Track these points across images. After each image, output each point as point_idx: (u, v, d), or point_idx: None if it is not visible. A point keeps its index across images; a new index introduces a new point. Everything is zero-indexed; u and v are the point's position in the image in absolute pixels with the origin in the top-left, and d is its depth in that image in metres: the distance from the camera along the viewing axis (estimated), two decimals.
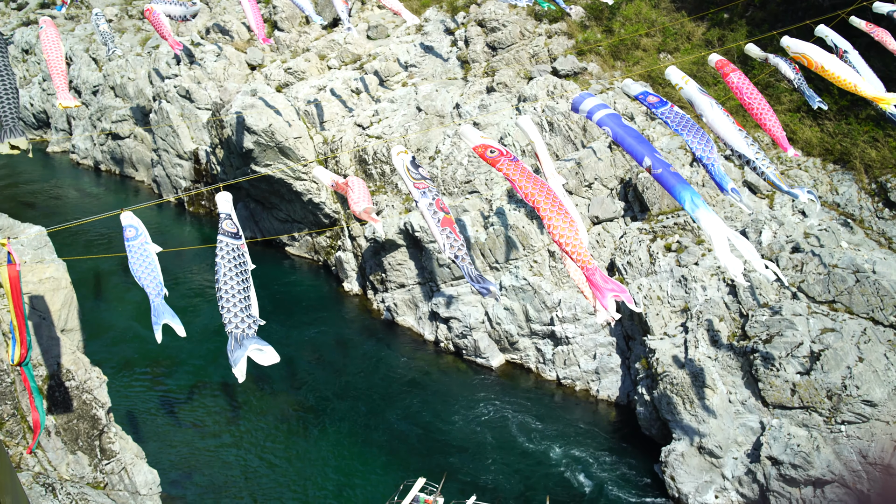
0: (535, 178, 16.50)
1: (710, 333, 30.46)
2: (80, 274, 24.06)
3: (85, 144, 66.87)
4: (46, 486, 19.72)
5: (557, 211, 15.76)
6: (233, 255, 15.64)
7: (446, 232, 16.63)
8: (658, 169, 16.78)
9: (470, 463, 30.91)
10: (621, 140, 17.78)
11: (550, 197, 16.01)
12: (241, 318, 14.70)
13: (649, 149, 17.30)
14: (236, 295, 14.94)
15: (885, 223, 31.65)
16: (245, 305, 14.95)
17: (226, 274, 15.19)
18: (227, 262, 15.41)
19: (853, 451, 26.67)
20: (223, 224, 16.26)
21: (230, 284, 15.03)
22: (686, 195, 16.23)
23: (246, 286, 15.25)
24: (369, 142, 43.99)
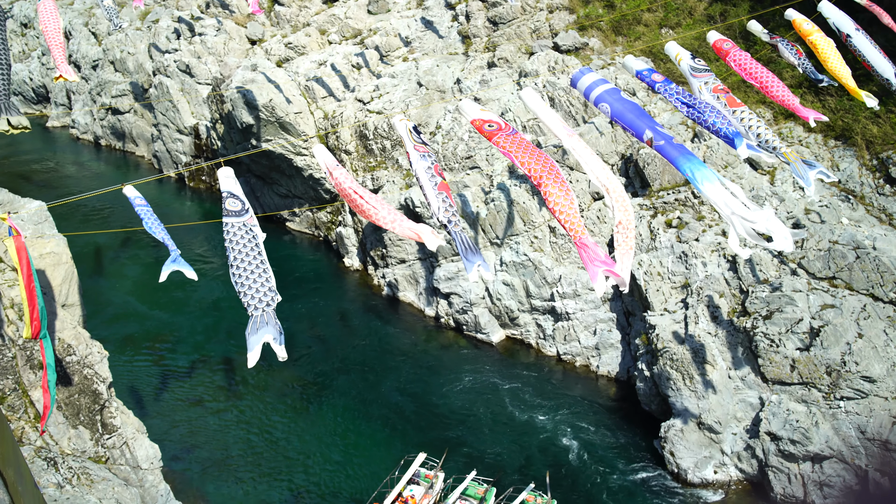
0: (533, 150, 16.38)
1: (710, 309, 30.50)
2: (80, 249, 24.08)
3: (85, 119, 66.67)
4: (48, 461, 19.83)
5: (555, 181, 15.70)
6: (241, 234, 15.44)
7: (442, 196, 16.54)
8: (660, 141, 16.60)
9: (470, 438, 31.04)
10: (620, 116, 17.58)
11: (548, 167, 15.94)
12: (262, 294, 14.55)
13: (650, 122, 17.11)
14: (253, 272, 14.78)
15: (886, 199, 31.60)
16: (264, 280, 14.83)
17: (237, 255, 15.00)
18: (236, 243, 15.21)
19: (852, 427, 26.77)
20: (226, 204, 16.07)
21: (244, 264, 14.88)
22: (689, 167, 16.04)
23: (260, 260, 15.07)
24: (370, 117, 43.84)
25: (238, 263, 14.90)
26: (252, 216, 15.94)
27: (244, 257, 15.00)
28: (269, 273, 14.98)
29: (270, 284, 14.78)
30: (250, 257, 15.03)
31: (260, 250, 15.27)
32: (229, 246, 15.19)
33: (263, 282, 14.74)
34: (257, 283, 14.66)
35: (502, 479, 28.27)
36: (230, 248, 15.15)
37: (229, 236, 15.35)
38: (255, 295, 14.51)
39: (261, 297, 14.52)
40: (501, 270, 36.93)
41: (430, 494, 27.21)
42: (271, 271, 15.09)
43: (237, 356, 36.19)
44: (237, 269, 14.82)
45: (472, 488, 27.49)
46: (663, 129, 16.87)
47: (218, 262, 45.11)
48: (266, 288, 14.67)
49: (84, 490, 19.86)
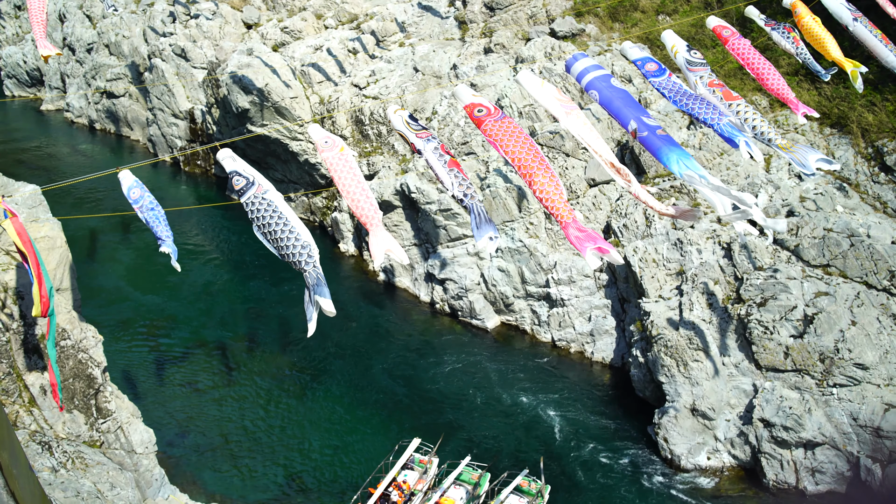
0: (520, 135, 16.36)
1: (704, 296, 30.56)
2: (72, 233, 23.96)
3: (79, 103, 66.44)
4: (43, 444, 19.84)
5: (539, 166, 15.71)
6: (256, 206, 15.24)
7: (454, 172, 16.45)
8: (644, 132, 16.51)
9: (464, 423, 31.12)
10: (608, 104, 17.51)
11: (532, 152, 15.93)
12: (298, 251, 14.50)
13: (636, 111, 16.99)
14: (280, 237, 14.66)
15: (881, 187, 31.65)
16: (293, 239, 14.68)
17: (261, 227, 14.89)
18: (257, 218, 15.04)
19: (844, 414, 26.89)
20: (232, 182, 15.91)
21: (269, 230, 14.74)
22: (673, 156, 15.95)
23: (283, 222, 14.89)
24: (366, 102, 43.74)
25: (267, 235, 14.84)
26: (260, 184, 15.69)
27: (267, 226, 14.88)
28: (296, 231, 14.81)
29: (303, 240, 14.67)
30: (272, 222, 14.88)
31: (280, 212, 15.07)
32: (252, 221, 15.08)
33: (294, 241, 14.65)
34: (290, 245, 14.61)
35: (497, 464, 28.37)
36: (254, 224, 15.05)
37: (250, 211, 15.22)
38: (294, 255, 14.51)
39: (299, 257, 14.52)
40: (497, 256, 36.95)
41: (424, 480, 27.29)
42: (300, 228, 14.91)
43: (231, 341, 36.21)
44: (269, 242, 14.80)
45: (467, 474, 27.58)
46: (651, 120, 16.73)
47: (211, 246, 45.07)
48: (300, 245, 14.60)
49: (79, 474, 19.89)
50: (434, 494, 26.45)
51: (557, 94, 17.61)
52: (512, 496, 26.48)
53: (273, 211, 15.09)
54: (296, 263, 14.59)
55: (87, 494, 19.12)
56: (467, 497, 26.53)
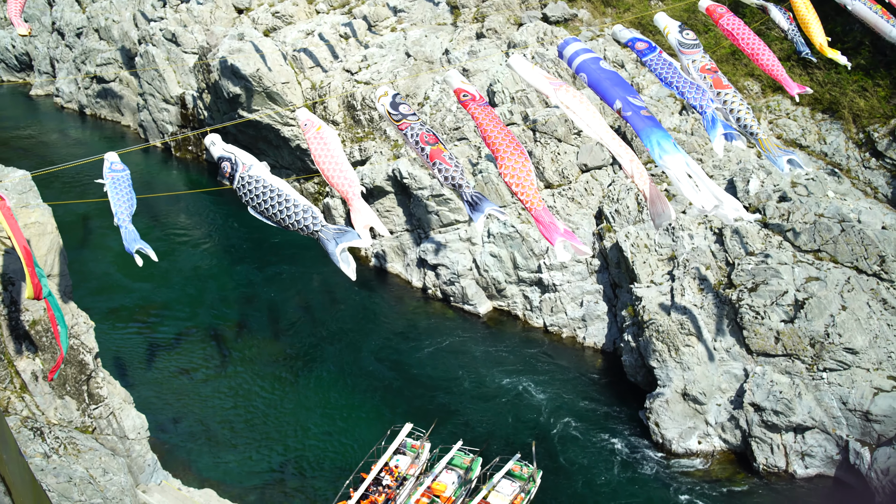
0: (498, 122, 16.69)
1: (696, 281, 30.64)
2: (60, 218, 23.85)
3: (69, 88, 66.08)
4: (35, 430, 19.83)
5: (513, 152, 15.93)
6: (248, 187, 15.06)
7: (437, 165, 16.53)
8: (628, 111, 16.59)
9: (456, 408, 31.20)
10: (596, 84, 17.61)
11: (508, 139, 16.19)
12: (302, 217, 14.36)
13: (623, 91, 17.06)
14: (280, 210, 14.51)
15: (872, 173, 31.73)
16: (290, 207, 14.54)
17: (258, 207, 14.72)
18: (250, 199, 14.86)
19: (834, 398, 27.04)
20: (224, 170, 15.73)
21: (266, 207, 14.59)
22: (654, 138, 15.97)
23: (276, 194, 14.72)
24: (358, 87, 43.61)
25: (265, 212, 14.71)
26: (244, 165, 15.52)
27: (262, 203, 14.73)
28: (290, 200, 14.66)
29: (302, 205, 14.56)
30: (266, 198, 14.74)
31: (270, 185, 14.93)
32: (247, 203, 14.94)
33: (292, 208, 14.53)
34: (292, 214, 14.47)
35: (488, 448, 28.46)
36: (249, 206, 14.91)
37: (242, 198, 15.06)
38: (301, 222, 14.36)
39: (304, 221, 14.38)
40: (489, 242, 36.96)
41: (416, 464, 27.38)
42: (293, 196, 14.75)
43: (223, 326, 36.21)
44: (269, 219, 14.67)
45: (459, 458, 27.67)
46: (636, 100, 16.77)
47: (202, 232, 44.97)
48: (300, 210, 14.48)
49: (71, 460, 19.90)
50: (426, 479, 26.55)
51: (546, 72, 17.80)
52: (504, 480, 26.59)
53: (263, 185, 14.95)
54: (304, 229, 14.44)
55: (80, 480, 19.14)
56: (459, 481, 26.63)
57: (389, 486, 26.22)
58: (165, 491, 24.70)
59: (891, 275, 28.49)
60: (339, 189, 16.06)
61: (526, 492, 26.31)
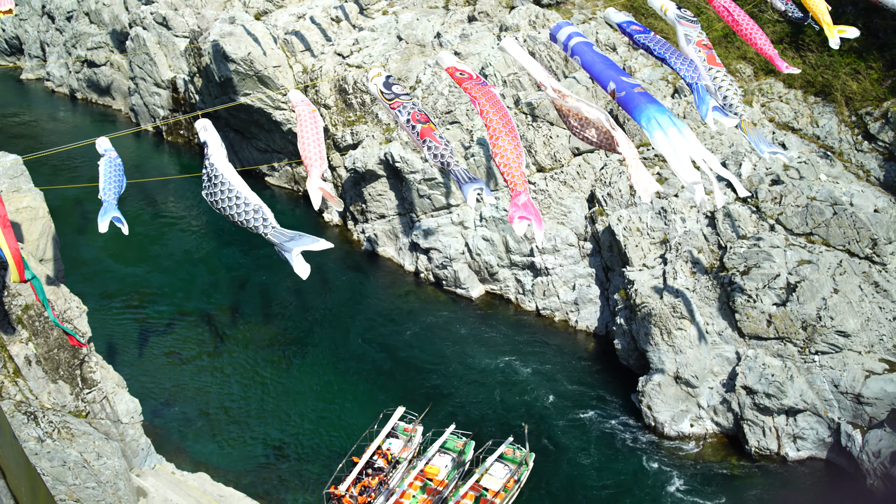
0: (496, 101, 16.74)
1: (688, 265, 30.70)
2: (53, 203, 23.83)
3: (60, 72, 65.71)
4: (28, 415, 19.83)
5: (507, 133, 16.06)
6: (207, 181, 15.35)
7: (426, 143, 16.69)
8: (622, 92, 16.62)
9: (449, 392, 31.26)
10: (590, 66, 17.68)
11: (505, 120, 16.30)
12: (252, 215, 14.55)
13: (616, 73, 17.11)
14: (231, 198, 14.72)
15: (864, 156, 31.77)
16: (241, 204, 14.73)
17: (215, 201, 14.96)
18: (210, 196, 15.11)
19: (825, 381, 27.17)
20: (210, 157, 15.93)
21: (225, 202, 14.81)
22: (647, 113, 15.94)
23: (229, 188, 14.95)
24: (349, 71, 43.46)
25: (216, 205, 14.93)
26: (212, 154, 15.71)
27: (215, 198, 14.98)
28: (242, 197, 14.88)
29: (253, 204, 14.77)
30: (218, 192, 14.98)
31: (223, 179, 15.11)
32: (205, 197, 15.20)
33: (242, 206, 14.72)
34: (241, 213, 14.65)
35: (481, 432, 28.55)
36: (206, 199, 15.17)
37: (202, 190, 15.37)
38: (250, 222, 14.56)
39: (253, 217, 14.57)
40: (481, 225, 36.95)
41: (408, 448, 27.47)
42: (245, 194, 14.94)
43: (214, 312, 36.17)
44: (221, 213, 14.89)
45: (452, 441, 27.77)
46: (629, 79, 16.80)
47: (193, 216, 44.85)
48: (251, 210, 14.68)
49: (65, 444, 19.91)
50: (419, 462, 26.63)
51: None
52: (497, 464, 26.69)
53: (219, 181, 15.17)
54: (253, 229, 14.69)
55: (74, 464, 19.16)
56: (452, 465, 26.72)
57: (382, 470, 26.30)
58: (159, 475, 24.74)
59: (882, 258, 28.59)
60: (311, 161, 16.68)
61: (518, 475, 26.42)
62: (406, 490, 25.70)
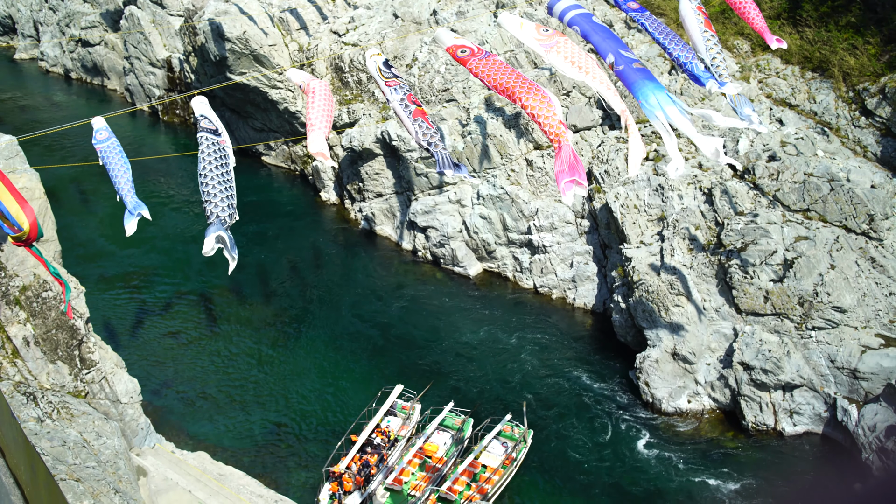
0: (506, 68, 16.56)
1: (686, 242, 30.71)
2: (47, 184, 23.77)
3: (54, 51, 65.38)
4: (27, 395, 19.87)
5: (528, 90, 15.87)
6: (214, 149, 15.49)
7: (418, 122, 16.70)
8: (620, 65, 16.60)
9: (447, 370, 31.33)
10: (589, 36, 17.65)
11: (521, 80, 16.11)
12: (222, 208, 14.70)
13: (615, 45, 17.08)
14: (217, 185, 14.90)
15: (861, 131, 31.72)
16: (227, 195, 14.95)
17: (206, 167, 15.12)
18: (208, 156, 15.29)
19: (822, 356, 27.26)
20: (201, 123, 16.11)
21: (212, 175, 14.96)
22: (646, 91, 15.95)
23: (228, 178, 15.21)
24: (345, 49, 43.27)
25: (206, 173, 15.03)
26: (227, 140, 16.03)
27: (212, 171, 15.08)
28: (232, 193, 15.15)
29: (232, 202, 14.98)
30: (218, 172, 15.12)
31: (228, 170, 15.39)
32: (201, 157, 15.32)
33: (226, 197, 14.91)
34: (220, 196, 14.81)
35: (479, 409, 28.65)
36: (201, 159, 15.30)
37: (202, 146, 15.47)
38: (218, 206, 14.69)
39: (220, 211, 14.71)
40: (478, 204, 36.92)
41: (407, 426, 27.58)
42: (235, 194, 15.27)
43: (212, 291, 36.19)
44: (204, 180, 14.97)
45: (450, 419, 27.88)
46: (628, 53, 16.78)
47: (186, 195, 44.79)
48: (227, 203, 14.86)
49: (64, 424, 19.96)
50: (418, 440, 26.75)
51: (537, 33, 17.58)
52: (495, 441, 26.80)
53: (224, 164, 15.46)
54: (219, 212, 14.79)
55: (74, 444, 19.22)
56: (451, 442, 26.83)
57: (381, 448, 26.41)
58: (159, 454, 24.84)
59: (879, 233, 28.62)
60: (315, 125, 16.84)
61: (517, 452, 26.54)
62: (405, 467, 25.84)
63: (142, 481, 22.85)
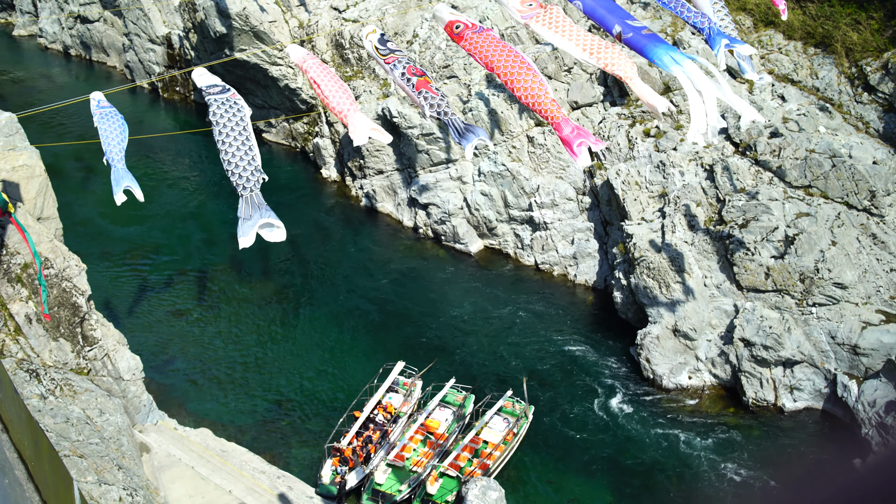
0: (500, 44, 16.32)
1: (687, 218, 30.69)
2: (47, 161, 23.72)
3: (53, 28, 65.06)
4: (30, 372, 19.94)
5: (520, 68, 15.61)
6: (225, 108, 15.05)
7: (423, 93, 16.50)
8: (629, 33, 16.40)
9: (449, 346, 31.41)
10: (592, 11, 17.39)
11: (512, 57, 15.84)
12: (249, 173, 14.38)
13: (620, 16, 16.87)
14: (239, 149, 14.50)
15: (864, 107, 31.62)
16: (251, 157, 14.60)
17: (222, 130, 14.65)
18: (221, 117, 14.83)
19: (822, 332, 27.31)
20: (207, 91, 15.76)
21: (230, 139, 14.56)
22: (660, 52, 15.79)
23: (245, 136, 14.82)
24: (346, 26, 43.06)
25: (223, 139, 14.63)
26: (235, 93, 15.59)
27: (229, 132, 14.65)
28: (254, 150, 14.72)
29: (256, 163, 14.58)
30: (235, 132, 14.69)
31: (246, 124, 14.93)
32: (214, 121, 14.90)
33: (250, 160, 14.53)
34: (244, 161, 14.45)
35: (481, 385, 28.74)
36: (215, 124, 14.86)
37: (214, 113, 15.02)
38: (243, 174, 14.29)
39: (248, 177, 14.33)
40: (479, 180, 36.87)
41: (409, 402, 27.69)
42: (257, 148, 14.84)
43: (213, 268, 36.22)
44: (223, 146, 14.56)
45: (451, 395, 27.98)
46: (635, 21, 16.59)
47: (189, 172, 44.75)
48: (252, 167, 14.48)
49: (67, 401, 20.05)
50: (419, 416, 26.86)
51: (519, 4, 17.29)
52: (496, 417, 26.91)
53: (240, 120, 14.95)
54: (245, 182, 14.41)
55: (77, 420, 19.31)
56: (452, 418, 26.95)
57: (383, 424, 26.53)
58: (162, 431, 24.95)
59: (881, 210, 28.60)
60: (339, 106, 16.29)
61: (518, 428, 26.65)
62: (407, 443, 25.95)
63: (145, 458, 22.97)
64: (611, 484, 25.79)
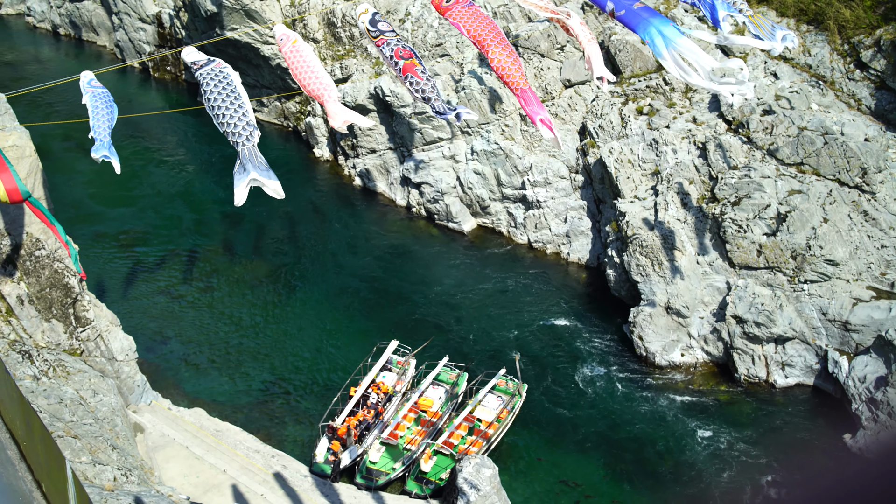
0: (484, 18, 16.86)
1: (679, 196, 30.71)
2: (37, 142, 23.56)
3: (41, 7, 64.56)
4: (23, 353, 19.92)
5: (498, 44, 16.26)
6: (212, 74, 15.41)
7: (408, 78, 16.78)
8: (621, 11, 16.48)
9: (442, 324, 31.46)
10: None
11: (494, 32, 16.45)
12: (241, 127, 14.57)
13: None
14: (229, 107, 14.76)
15: (856, 84, 31.59)
16: (241, 114, 14.82)
17: (211, 96, 15.00)
18: (208, 83, 15.17)
19: (814, 309, 27.42)
20: (195, 66, 16.05)
21: (219, 101, 14.84)
22: (652, 29, 15.82)
23: (235, 96, 15.06)
24: (337, 4, 42.81)
25: (213, 104, 14.92)
26: (221, 62, 15.95)
27: (217, 95, 14.97)
28: (245, 108, 15.00)
29: (248, 119, 14.83)
30: (224, 94, 15.00)
31: (233, 87, 15.24)
32: (205, 91, 15.21)
33: (241, 115, 14.79)
34: (235, 117, 14.69)
35: (474, 364, 28.82)
36: (205, 92, 15.18)
37: (202, 82, 15.36)
38: (236, 127, 14.55)
39: (240, 131, 14.57)
40: (472, 159, 36.81)
41: (402, 381, 27.76)
42: (248, 106, 15.09)
43: (206, 248, 36.15)
44: (215, 110, 14.86)
45: (445, 374, 28.05)
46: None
47: (180, 152, 44.58)
48: (244, 122, 14.72)
49: (60, 381, 20.05)
50: (413, 395, 26.93)
51: None
52: (490, 395, 27.00)
53: (227, 84, 15.29)
54: (237, 136, 14.64)
55: (70, 401, 19.32)
56: (446, 396, 27.04)
57: (377, 403, 26.60)
58: (156, 410, 24.99)
59: (872, 187, 28.65)
60: (316, 94, 16.60)
61: (511, 406, 26.75)
62: (400, 422, 26.04)
63: (139, 438, 23.02)
64: (603, 459, 25.95)
